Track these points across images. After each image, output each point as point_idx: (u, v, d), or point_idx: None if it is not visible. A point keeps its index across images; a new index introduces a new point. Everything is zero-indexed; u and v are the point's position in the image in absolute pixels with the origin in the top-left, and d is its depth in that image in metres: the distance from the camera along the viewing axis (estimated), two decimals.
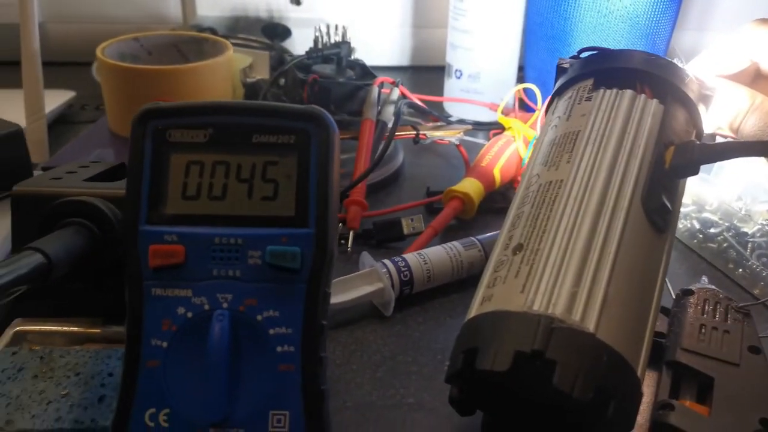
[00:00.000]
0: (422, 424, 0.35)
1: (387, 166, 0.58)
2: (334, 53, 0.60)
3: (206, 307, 0.27)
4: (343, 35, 0.66)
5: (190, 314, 0.27)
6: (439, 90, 0.75)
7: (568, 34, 0.67)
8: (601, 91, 0.37)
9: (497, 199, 0.56)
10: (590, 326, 0.28)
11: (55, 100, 0.69)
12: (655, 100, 0.36)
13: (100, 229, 0.35)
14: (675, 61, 0.39)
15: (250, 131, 0.29)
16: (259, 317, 0.27)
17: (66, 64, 0.84)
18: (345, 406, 0.36)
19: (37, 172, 0.49)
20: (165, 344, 0.27)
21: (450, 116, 0.71)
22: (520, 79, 0.74)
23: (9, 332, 0.36)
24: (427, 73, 0.87)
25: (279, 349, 0.27)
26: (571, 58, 0.42)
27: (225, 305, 0.27)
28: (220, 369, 0.26)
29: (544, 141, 0.38)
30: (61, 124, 0.69)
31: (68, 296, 0.37)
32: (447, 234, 0.51)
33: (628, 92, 0.36)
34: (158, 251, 0.27)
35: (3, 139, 0.44)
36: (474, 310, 0.32)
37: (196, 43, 0.61)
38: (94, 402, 0.32)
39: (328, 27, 0.67)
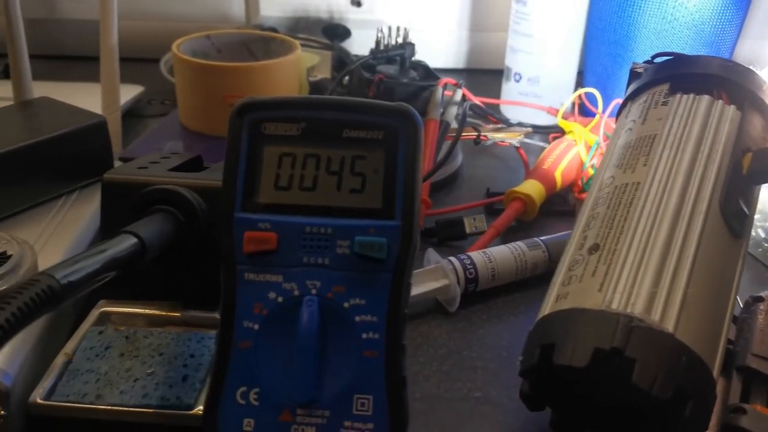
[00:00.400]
0: (490, 418, 0.35)
1: (447, 167, 0.59)
2: (398, 54, 0.61)
3: (296, 292, 0.29)
4: (405, 37, 0.67)
5: (280, 299, 0.29)
6: (494, 93, 0.76)
7: (630, 39, 0.67)
8: (678, 95, 0.37)
9: (557, 202, 0.57)
10: (669, 326, 0.28)
11: (125, 94, 0.71)
12: (732, 106, 0.36)
13: (185, 217, 0.36)
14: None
15: (341, 126, 0.30)
16: (345, 304, 0.29)
17: (133, 60, 0.87)
18: (413, 397, 0.36)
19: (116, 162, 0.51)
20: (256, 326, 0.28)
21: (508, 119, 0.72)
22: (579, 83, 0.74)
23: (95, 312, 0.38)
24: (482, 76, 0.88)
25: (364, 335, 0.28)
26: (644, 62, 0.43)
27: (314, 291, 0.29)
28: (308, 352, 0.28)
29: (618, 144, 0.38)
30: (129, 117, 0.72)
31: (150, 280, 0.39)
32: (507, 235, 0.51)
33: (706, 98, 0.37)
34: (252, 238, 0.29)
35: (88, 129, 0.46)
36: (548, 307, 0.32)
37: (264, 42, 0.63)
38: (178, 381, 0.34)
39: (390, 29, 0.68)
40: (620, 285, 0.30)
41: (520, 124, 0.67)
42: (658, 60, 0.42)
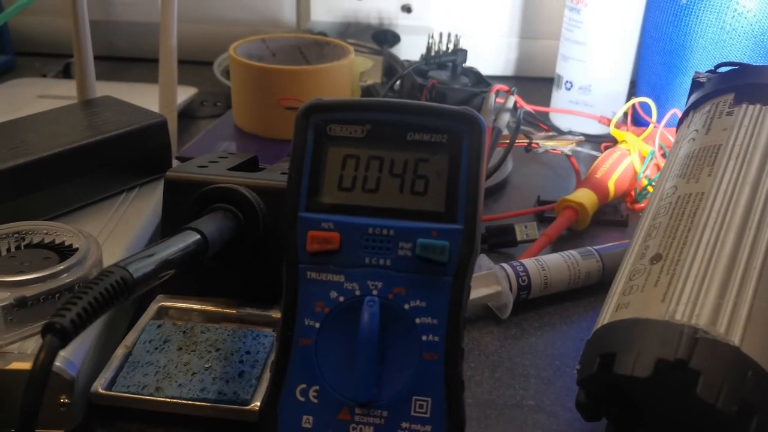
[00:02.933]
0: (544, 426, 0.35)
1: (497, 174, 0.59)
2: (449, 60, 0.61)
3: (357, 292, 0.29)
4: (456, 43, 0.67)
5: (342, 298, 0.29)
6: (543, 101, 0.75)
7: (686, 49, 0.66)
8: (744, 106, 0.37)
9: (609, 212, 0.56)
10: (735, 339, 0.28)
11: (180, 95, 0.73)
12: None
13: (244, 216, 0.37)
14: None
15: (405, 129, 0.30)
16: (406, 306, 0.29)
17: (185, 62, 0.88)
18: (466, 402, 0.36)
19: (174, 162, 0.52)
20: (317, 325, 0.29)
21: (558, 128, 0.71)
22: (631, 93, 0.73)
23: (153, 306, 0.39)
24: (531, 84, 0.87)
25: (424, 338, 0.28)
26: (707, 72, 0.42)
27: (375, 292, 0.29)
28: (369, 352, 0.28)
29: (680, 154, 0.38)
30: (182, 118, 0.73)
31: (207, 276, 0.40)
32: (558, 244, 0.51)
33: None
34: (316, 237, 0.29)
35: (149, 128, 0.47)
36: (608, 316, 0.32)
37: (317, 46, 0.64)
38: (234, 376, 0.34)
39: (441, 35, 0.68)
40: (684, 296, 0.30)
41: (570, 133, 0.66)
42: (722, 69, 0.41)
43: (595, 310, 0.44)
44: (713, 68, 0.42)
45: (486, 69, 0.88)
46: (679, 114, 0.61)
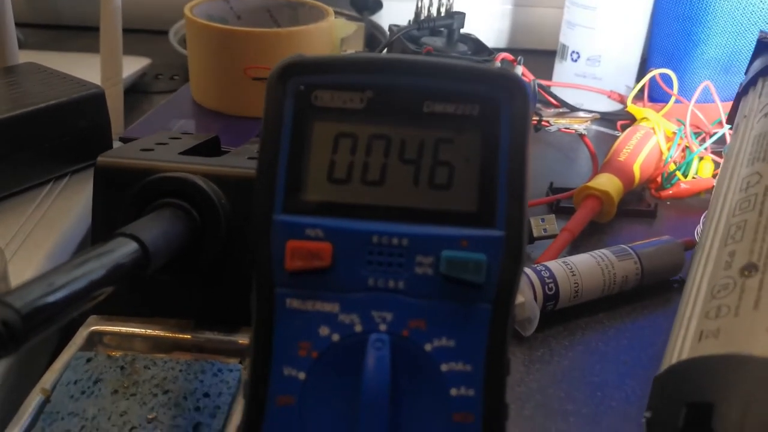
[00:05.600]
0: None
1: None
2: (445, 24, 0.52)
3: (358, 328, 0.20)
4: (450, 7, 0.58)
5: (336, 336, 0.20)
6: (546, 75, 0.67)
7: (707, 14, 0.58)
8: None
9: (632, 201, 0.48)
10: None
11: (129, 66, 0.63)
12: None
13: (200, 214, 0.28)
14: None
15: (420, 97, 0.21)
16: (428, 346, 0.20)
17: (139, 31, 0.79)
18: None
19: (115, 143, 0.43)
20: (302, 375, 0.20)
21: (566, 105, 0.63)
22: (642, 66, 0.65)
23: (83, 332, 0.30)
24: (531, 56, 0.79)
25: (454, 391, 0.20)
26: None
27: (383, 327, 0.20)
28: (377, 415, 0.19)
29: (753, 134, 0.30)
30: (133, 93, 0.64)
31: (154, 292, 0.31)
32: (579, 239, 0.43)
33: None
34: (299, 250, 0.20)
35: (81, 101, 0.38)
36: (687, 347, 0.24)
37: (290, 8, 0.55)
38: (188, 431, 0.26)
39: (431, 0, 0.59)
40: None
41: (583, 109, 0.58)
42: None
43: (636, 323, 0.36)
44: None
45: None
46: (712, 88, 0.54)
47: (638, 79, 0.64)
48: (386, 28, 0.72)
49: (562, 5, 0.64)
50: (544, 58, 0.71)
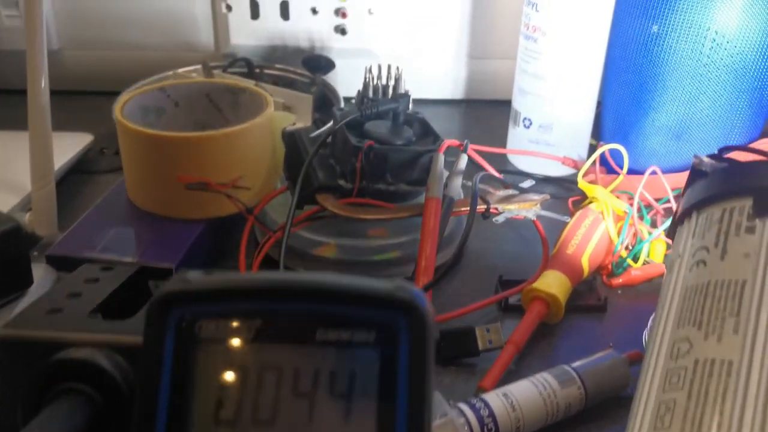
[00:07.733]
0: None
1: (447, 249, 0.49)
2: (390, 108, 0.51)
3: None
4: (398, 78, 0.56)
5: None
6: (498, 131, 0.66)
7: (658, 83, 0.57)
8: None
9: (583, 292, 0.47)
10: None
11: (70, 146, 0.61)
12: None
13: (103, 397, 0.27)
14: None
15: (312, 325, 0.20)
16: None
17: (84, 93, 0.76)
18: None
19: (41, 266, 0.41)
20: None
21: (518, 178, 0.62)
22: (595, 130, 0.64)
23: None
24: (483, 108, 0.78)
25: None
26: (709, 157, 0.33)
27: None
28: None
29: (687, 284, 0.29)
30: (76, 174, 0.62)
31: None
32: (526, 344, 0.42)
33: None
34: None
35: None
36: None
37: (230, 93, 0.53)
38: None
39: (380, 68, 0.58)
40: None
41: (533, 186, 0.56)
42: (728, 156, 0.32)
43: None
44: (717, 152, 0.33)
45: (433, 92, 0.79)
46: (659, 172, 0.53)
47: (592, 146, 0.63)
48: (338, 89, 0.71)
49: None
50: (499, 110, 0.70)
